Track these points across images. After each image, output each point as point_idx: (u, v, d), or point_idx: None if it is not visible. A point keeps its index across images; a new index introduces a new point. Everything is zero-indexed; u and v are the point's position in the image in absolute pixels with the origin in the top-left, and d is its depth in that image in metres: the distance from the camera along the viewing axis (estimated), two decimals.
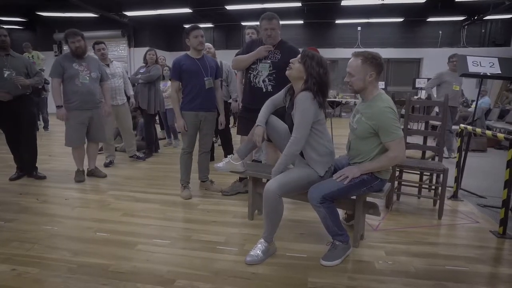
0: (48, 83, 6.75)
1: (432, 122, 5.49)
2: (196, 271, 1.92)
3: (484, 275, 1.90)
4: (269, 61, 2.80)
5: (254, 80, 2.85)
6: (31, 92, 3.60)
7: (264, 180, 2.68)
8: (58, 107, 3.40)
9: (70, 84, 3.40)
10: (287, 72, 2.14)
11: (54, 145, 5.85)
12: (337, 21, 11.14)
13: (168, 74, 5.65)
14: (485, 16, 9.40)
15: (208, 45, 4.03)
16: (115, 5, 9.54)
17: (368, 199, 2.18)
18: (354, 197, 2.15)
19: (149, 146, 4.87)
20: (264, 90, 2.82)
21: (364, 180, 1.95)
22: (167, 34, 12.00)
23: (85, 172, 3.76)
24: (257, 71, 2.84)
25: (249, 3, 9.34)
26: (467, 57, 3.15)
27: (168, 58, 6.91)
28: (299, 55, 2.10)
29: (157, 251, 2.13)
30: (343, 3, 9.10)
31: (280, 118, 2.35)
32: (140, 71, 4.78)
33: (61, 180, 3.69)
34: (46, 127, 7.65)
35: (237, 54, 3.00)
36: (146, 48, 5.01)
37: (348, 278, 1.85)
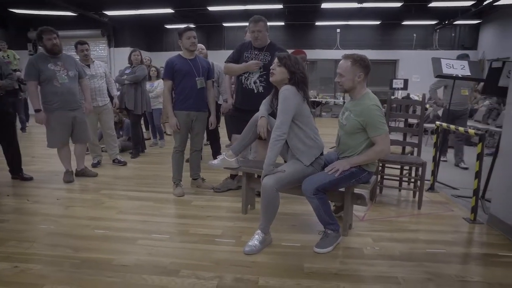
0: (25, 83, 6.55)
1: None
2: (197, 261, 2.02)
3: (459, 255, 2.12)
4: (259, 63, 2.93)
5: (246, 82, 2.96)
6: (4, 94, 3.47)
7: (255, 175, 2.82)
8: (36, 111, 3.32)
9: (48, 86, 3.32)
10: (271, 79, 2.26)
11: (35, 146, 5.73)
12: (317, 23, 11.43)
13: (155, 75, 5.68)
14: (455, 21, 9.95)
15: (201, 45, 4.09)
16: (94, 4, 9.38)
17: (356, 190, 2.35)
18: (343, 189, 2.31)
19: (136, 147, 4.88)
20: (255, 91, 2.95)
21: (353, 173, 2.12)
22: (147, 34, 11.88)
23: (74, 172, 3.74)
24: (248, 73, 2.95)
25: (231, 4, 9.44)
26: (441, 59, 3.42)
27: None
28: (276, 60, 2.23)
29: (158, 245, 2.21)
30: (323, 6, 9.37)
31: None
32: (126, 72, 4.78)
33: (49, 181, 3.67)
34: (23, 129, 7.43)
35: (228, 58, 3.10)
36: (127, 48, 5.02)
37: (340, 263, 2.01)
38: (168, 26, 11.55)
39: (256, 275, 1.87)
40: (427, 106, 7.12)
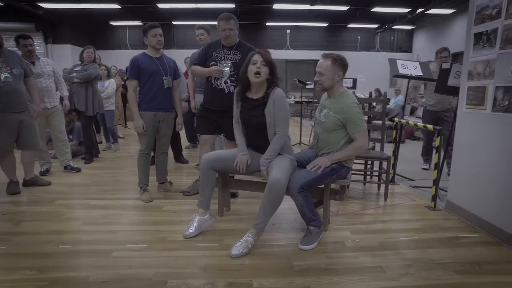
0: None
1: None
2: (184, 269, 1.92)
3: (429, 241, 2.30)
4: (229, 63, 2.86)
5: (216, 82, 2.88)
6: None
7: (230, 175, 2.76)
8: None
9: None
10: (257, 79, 2.19)
11: None
12: (268, 24, 11.64)
13: (105, 74, 5.31)
14: (393, 26, 10.84)
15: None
16: None
17: (332, 186, 2.43)
18: (321, 185, 2.37)
19: (89, 151, 4.50)
20: (226, 91, 2.87)
21: (334, 169, 2.19)
22: (91, 30, 11.04)
23: (20, 182, 3.32)
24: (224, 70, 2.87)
25: (182, 2, 9.19)
26: (397, 60, 3.68)
27: None
28: (261, 59, 2.19)
29: (137, 256, 2.06)
30: (274, 7, 9.57)
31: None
32: (75, 69, 4.39)
33: None
34: None
35: (195, 60, 3.01)
36: (67, 46, 4.62)
37: (327, 258, 2.05)
38: (113, 23, 10.87)
39: (249, 278, 1.83)
40: (374, 104, 7.63)
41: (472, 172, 2.55)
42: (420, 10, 9.26)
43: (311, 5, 8.89)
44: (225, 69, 2.83)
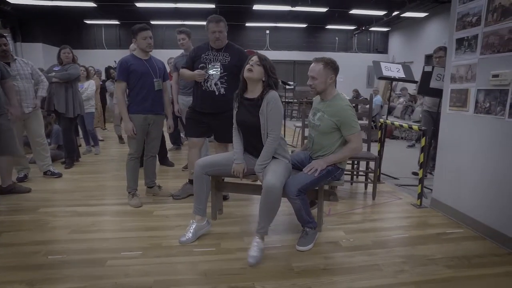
0: None
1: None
2: (184, 276, 1.89)
3: (419, 237, 2.39)
4: (219, 64, 2.85)
5: (206, 84, 2.85)
6: None
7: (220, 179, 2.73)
8: None
9: None
10: (247, 75, 2.18)
11: None
12: (248, 24, 11.64)
13: (84, 75, 5.12)
14: (370, 28, 11.15)
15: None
16: None
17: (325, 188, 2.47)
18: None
19: (70, 155, 4.33)
20: (217, 93, 2.85)
21: (329, 171, 2.22)
22: (64, 29, 10.58)
23: None
24: (208, 75, 2.85)
25: (160, 2, 9.01)
26: (381, 63, 3.79)
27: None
28: (256, 59, 2.19)
29: (133, 264, 2.00)
30: (254, 7, 9.59)
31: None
32: (54, 69, 4.21)
33: None
34: None
35: (183, 64, 2.99)
36: (38, 44, 4.38)
37: (324, 258, 2.09)
38: (88, 22, 10.49)
39: (251, 281, 1.83)
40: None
41: (456, 170, 2.67)
42: (395, 13, 9.59)
43: (291, 7, 8.98)
44: (213, 70, 2.82)
